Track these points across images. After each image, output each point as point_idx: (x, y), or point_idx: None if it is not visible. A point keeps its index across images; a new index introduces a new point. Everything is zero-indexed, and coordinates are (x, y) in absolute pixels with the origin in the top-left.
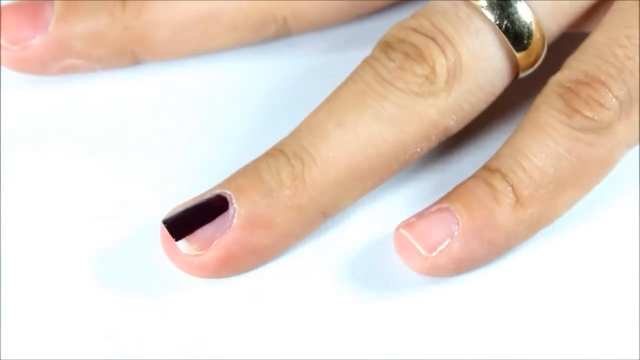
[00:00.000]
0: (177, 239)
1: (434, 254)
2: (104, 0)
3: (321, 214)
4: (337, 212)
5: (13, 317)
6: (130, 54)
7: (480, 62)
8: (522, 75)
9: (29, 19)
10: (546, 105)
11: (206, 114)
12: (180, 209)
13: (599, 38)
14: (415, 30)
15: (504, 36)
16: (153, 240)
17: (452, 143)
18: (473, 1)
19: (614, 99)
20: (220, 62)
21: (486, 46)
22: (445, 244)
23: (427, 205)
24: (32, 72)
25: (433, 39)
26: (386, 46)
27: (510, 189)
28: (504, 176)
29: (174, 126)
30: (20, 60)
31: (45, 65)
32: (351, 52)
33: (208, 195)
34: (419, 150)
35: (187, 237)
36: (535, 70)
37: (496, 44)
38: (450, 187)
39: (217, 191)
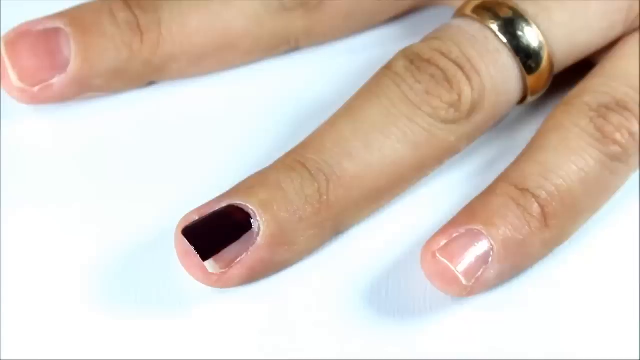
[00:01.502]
0: (204, 259)
1: (472, 282)
2: (120, 30)
3: (336, 229)
4: (349, 228)
5: (14, 319)
6: (146, 82)
7: (501, 95)
8: (529, 100)
9: (47, 58)
10: (578, 128)
11: (208, 120)
12: (195, 215)
13: (626, 65)
14: (443, 54)
15: (523, 68)
16: (159, 247)
17: None
18: (487, 24)
19: None
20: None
21: (508, 80)
22: (480, 271)
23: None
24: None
25: (461, 68)
26: (411, 64)
27: (540, 210)
28: (535, 197)
29: (176, 131)
30: (37, 98)
31: (62, 100)
32: (354, 56)
33: (225, 204)
34: (431, 171)
35: (214, 257)
36: None
37: (515, 76)
38: (448, 182)
39: (238, 202)
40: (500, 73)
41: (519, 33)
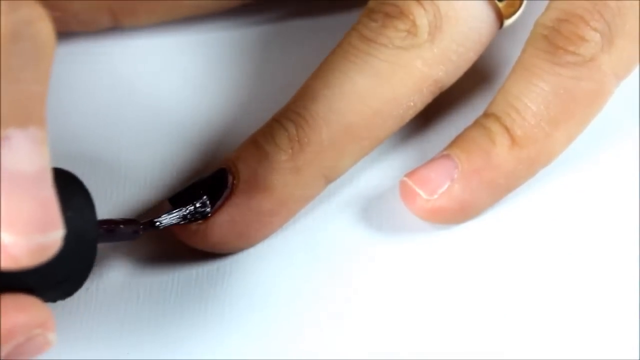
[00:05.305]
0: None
1: (435, 196)
2: None
3: (321, 176)
4: (339, 175)
5: None
6: (108, 13)
7: (460, 11)
8: (507, 23)
9: None
10: (532, 47)
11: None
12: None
13: None
14: None
15: None
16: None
17: (460, 102)
18: None
19: (593, 31)
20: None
21: (470, 6)
22: (445, 186)
23: None
24: None
25: None
26: (370, 11)
27: (504, 130)
28: (498, 119)
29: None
30: None
31: None
32: None
33: (209, 173)
34: (412, 104)
35: None
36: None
37: (481, 3)
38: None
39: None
40: None
41: None
